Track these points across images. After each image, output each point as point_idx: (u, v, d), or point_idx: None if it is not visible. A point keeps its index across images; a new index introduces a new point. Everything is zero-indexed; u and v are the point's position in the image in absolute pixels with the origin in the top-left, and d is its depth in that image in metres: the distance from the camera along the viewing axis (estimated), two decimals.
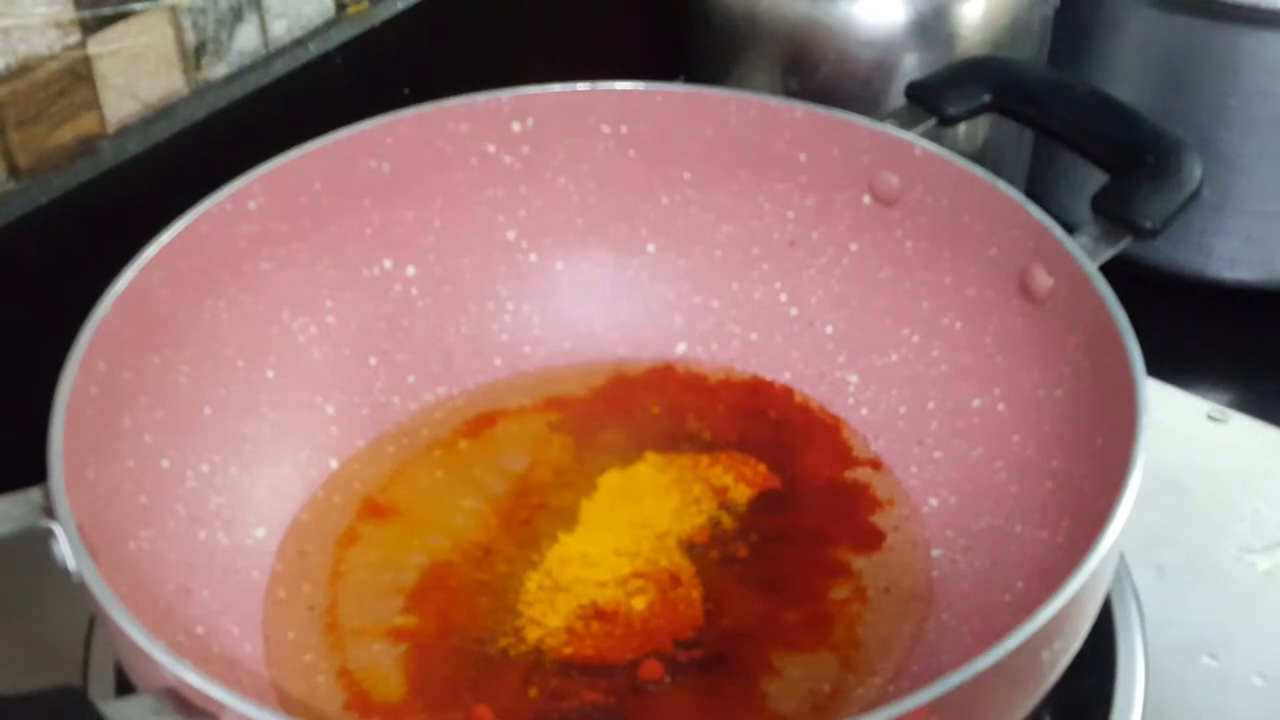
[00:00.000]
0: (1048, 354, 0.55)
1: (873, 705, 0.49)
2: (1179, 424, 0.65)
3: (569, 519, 0.58)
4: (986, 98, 0.62)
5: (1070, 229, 0.54)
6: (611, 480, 0.59)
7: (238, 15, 0.67)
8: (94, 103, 0.63)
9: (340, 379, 0.60)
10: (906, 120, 0.61)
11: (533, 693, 0.51)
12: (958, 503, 0.56)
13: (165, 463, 0.53)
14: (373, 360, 0.61)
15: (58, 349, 0.49)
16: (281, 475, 0.58)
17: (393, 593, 0.55)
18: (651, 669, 0.52)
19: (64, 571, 0.44)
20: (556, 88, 0.61)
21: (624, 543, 0.56)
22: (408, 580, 0.55)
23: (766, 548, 0.56)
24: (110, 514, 0.49)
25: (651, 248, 0.64)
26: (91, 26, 0.61)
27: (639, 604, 0.54)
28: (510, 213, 0.63)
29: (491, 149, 0.62)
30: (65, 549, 0.44)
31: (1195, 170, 0.57)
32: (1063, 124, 0.61)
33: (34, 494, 0.45)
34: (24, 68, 0.60)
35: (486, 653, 0.53)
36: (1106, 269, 0.53)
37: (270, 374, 0.58)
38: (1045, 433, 0.54)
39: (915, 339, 0.60)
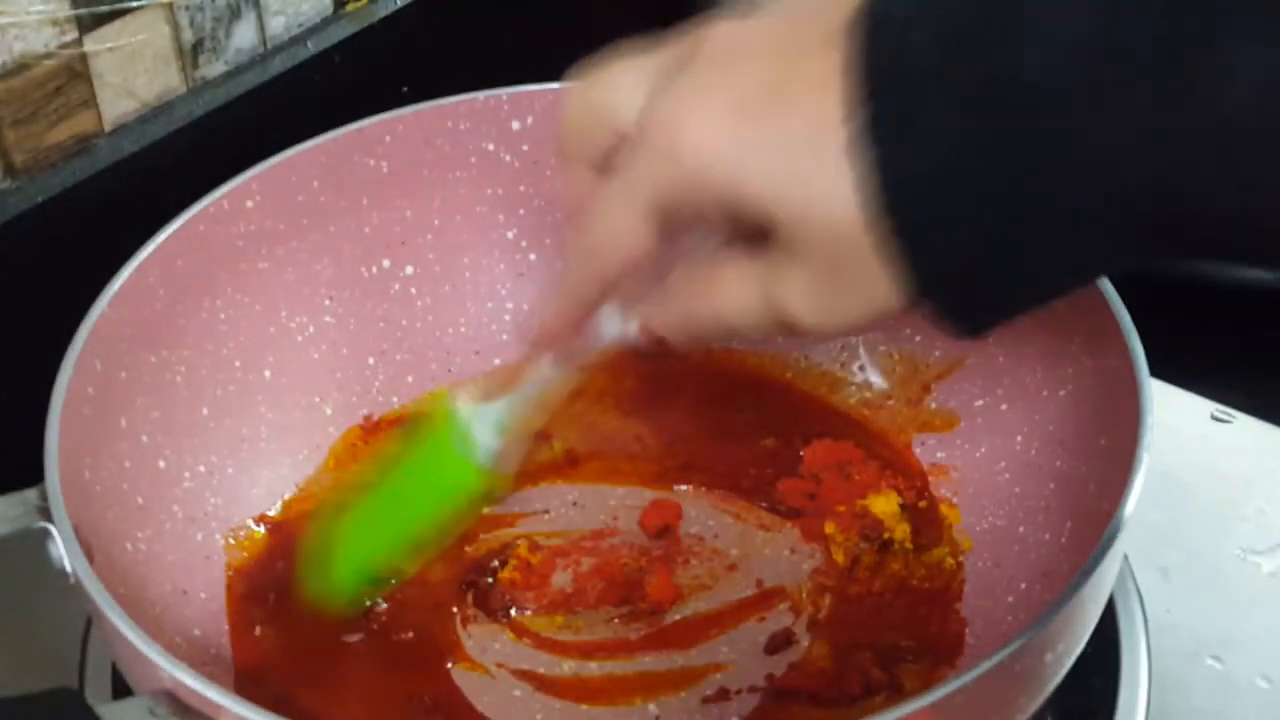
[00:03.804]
0: (1051, 354, 0.54)
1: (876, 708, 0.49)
2: (1183, 424, 0.65)
3: None
4: None
5: None
6: None
7: (235, 12, 0.67)
8: (90, 101, 0.63)
9: (338, 379, 0.60)
10: None
11: (515, 693, 0.51)
12: (961, 503, 0.56)
13: (162, 463, 0.53)
14: (371, 360, 0.61)
15: (54, 348, 0.49)
16: (279, 476, 0.57)
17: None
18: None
19: (60, 572, 0.44)
20: (556, 86, 0.61)
21: None
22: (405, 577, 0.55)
23: None
24: (107, 515, 0.49)
25: None
26: (88, 24, 0.61)
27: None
28: (510, 211, 0.63)
29: (491, 147, 0.62)
30: (61, 550, 0.44)
31: None
32: None
33: (30, 494, 0.45)
34: (20, 65, 0.59)
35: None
36: None
37: (268, 374, 0.58)
38: (1049, 433, 0.54)
39: (917, 339, 0.60)
